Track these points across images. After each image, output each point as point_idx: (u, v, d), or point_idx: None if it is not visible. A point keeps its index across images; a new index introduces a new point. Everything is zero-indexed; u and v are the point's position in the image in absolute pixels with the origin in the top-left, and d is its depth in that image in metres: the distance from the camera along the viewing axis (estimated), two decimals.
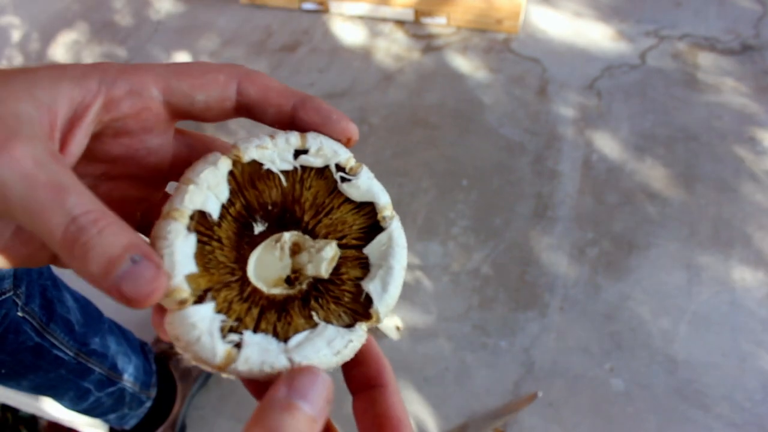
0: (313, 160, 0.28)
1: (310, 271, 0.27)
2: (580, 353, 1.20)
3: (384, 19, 1.95)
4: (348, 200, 0.29)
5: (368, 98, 1.72)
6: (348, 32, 1.93)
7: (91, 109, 0.26)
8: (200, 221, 0.26)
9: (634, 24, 1.85)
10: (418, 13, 1.91)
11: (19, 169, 0.21)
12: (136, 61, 1.94)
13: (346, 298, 0.28)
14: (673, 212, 1.39)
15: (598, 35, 1.83)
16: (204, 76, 0.27)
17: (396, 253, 0.28)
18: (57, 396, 0.86)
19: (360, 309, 0.28)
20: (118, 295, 0.22)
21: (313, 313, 0.27)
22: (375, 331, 1.24)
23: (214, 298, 0.25)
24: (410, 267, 1.35)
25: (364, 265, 0.28)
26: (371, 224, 0.29)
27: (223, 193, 0.27)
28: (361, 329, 0.27)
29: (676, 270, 1.30)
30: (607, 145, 1.54)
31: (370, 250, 0.28)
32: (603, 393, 1.15)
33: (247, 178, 0.27)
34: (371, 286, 0.27)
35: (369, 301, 0.28)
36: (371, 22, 1.95)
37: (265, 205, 0.28)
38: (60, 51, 1.99)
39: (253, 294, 0.26)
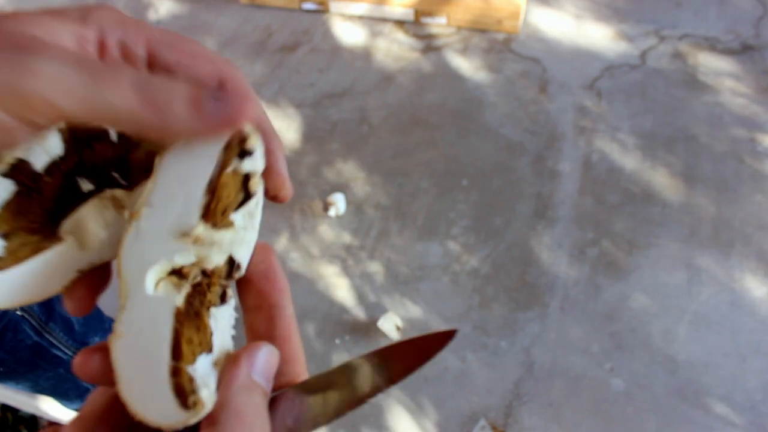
0: None
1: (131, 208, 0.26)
2: (580, 353, 1.20)
3: (384, 19, 1.95)
4: None
5: (368, 98, 1.72)
6: (348, 32, 1.93)
7: (88, 48, 0.25)
8: (21, 170, 0.25)
9: (634, 24, 1.85)
10: (418, 13, 1.91)
11: (62, 57, 0.21)
12: None
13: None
14: (673, 212, 1.39)
15: (598, 35, 1.83)
16: (193, 58, 0.27)
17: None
18: (56, 395, 0.86)
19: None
20: (216, 120, 0.22)
21: None
22: (375, 331, 1.24)
23: (6, 239, 0.25)
24: (410, 267, 1.35)
25: None
26: None
27: (55, 149, 0.26)
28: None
29: (676, 270, 1.30)
30: (607, 145, 1.54)
31: None
32: (603, 393, 1.15)
33: (84, 137, 0.27)
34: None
35: None
36: (371, 22, 1.95)
37: (97, 164, 0.27)
38: None
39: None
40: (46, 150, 0.26)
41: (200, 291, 0.24)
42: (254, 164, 0.25)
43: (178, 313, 0.23)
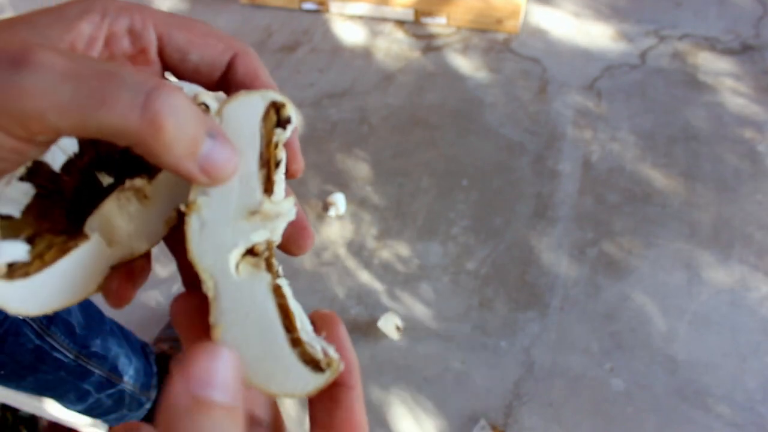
0: None
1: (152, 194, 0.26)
2: (580, 353, 1.20)
3: (384, 19, 1.95)
4: None
5: (368, 98, 1.72)
6: (348, 32, 1.93)
7: (97, 42, 0.25)
8: (39, 173, 0.25)
9: (634, 24, 1.85)
10: (418, 13, 1.91)
11: (53, 69, 0.19)
12: None
13: None
14: (673, 212, 1.39)
15: (598, 35, 1.83)
16: (204, 38, 0.27)
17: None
18: (57, 397, 0.86)
19: None
20: (202, 173, 0.22)
21: None
22: (375, 331, 1.24)
23: (31, 242, 0.25)
24: (410, 267, 1.35)
25: None
26: None
27: (71, 146, 0.26)
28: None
29: (676, 270, 1.30)
30: (607, 145, 1.54)
31: None
32: (603, 393, 1.15)
33: None
34: None
35: None
36: (371, 22, 1.95)
37: (114, 155, 0.27)
38: None
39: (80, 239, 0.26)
40: (62, 148, 0.26)
41: (268, 264, 0.25)
42: (288, 132, 0.26)
43: (275, 288, 0.24)
